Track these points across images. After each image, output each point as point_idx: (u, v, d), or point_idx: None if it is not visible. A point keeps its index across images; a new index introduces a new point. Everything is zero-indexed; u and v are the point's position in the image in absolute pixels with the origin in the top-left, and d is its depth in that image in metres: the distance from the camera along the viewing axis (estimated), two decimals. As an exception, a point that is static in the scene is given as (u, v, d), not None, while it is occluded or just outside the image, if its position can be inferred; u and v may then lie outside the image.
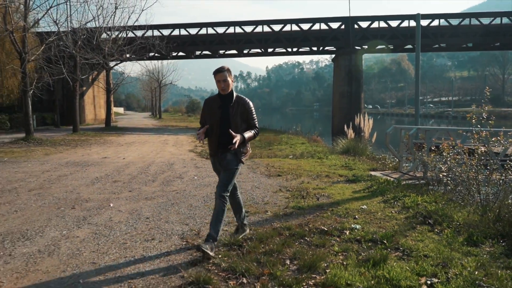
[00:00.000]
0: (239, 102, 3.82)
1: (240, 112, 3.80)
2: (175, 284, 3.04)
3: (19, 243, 4.03)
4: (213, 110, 3.84)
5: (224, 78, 3.74)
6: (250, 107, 3.86)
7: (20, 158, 11.19)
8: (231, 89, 3.82)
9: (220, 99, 3.84)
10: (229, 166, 3.79)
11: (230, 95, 3.83)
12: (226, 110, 3.78)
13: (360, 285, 2.95)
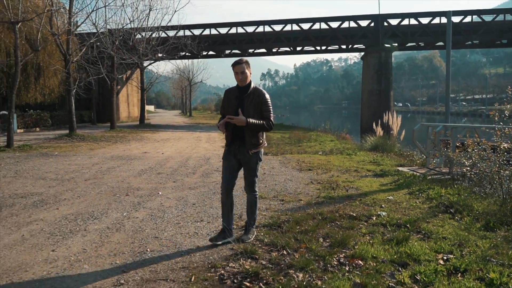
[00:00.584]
0: (255, 93, 3.88)
1: (255, 103, 3.84)
2: (227, 254, 3.63)
3: (89, 221, 4.74)
4: (230, 101, 3.93)
5: (242, 70, 3.81)
6: (266, 98, 3.89)
7: (68, 152, 12.15)
8: (249, 81, 3.90)
9: (238, 90, 3.93)
10: (251, 164, 3.94)
11: (247, 87, 3.90)
12: (242, 101, 3.86)
13: (384, 258, 3.45)
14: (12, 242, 4.01)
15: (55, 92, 29.45)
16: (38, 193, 6.34)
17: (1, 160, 10.11)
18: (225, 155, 4.02)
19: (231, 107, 3.87)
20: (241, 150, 3.88)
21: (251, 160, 3.90)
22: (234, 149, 3.92)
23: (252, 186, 4.02)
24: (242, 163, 3.95)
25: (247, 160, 3.90)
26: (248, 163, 3.92)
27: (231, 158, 3.96)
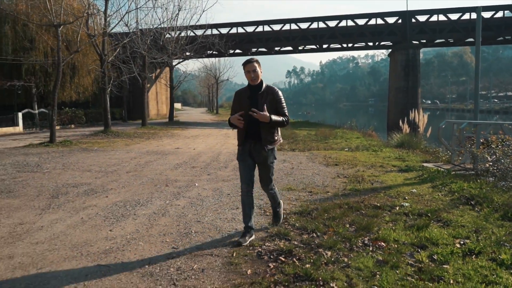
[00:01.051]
0: (268, 91, 3.89)
1: (269, 101, 3.84)
2: (263, 236, 4.08)
3: (137, 207, 5.29)
4: (243, 101, 3.90)
5: (254, 69, 3.81)
6: (279, 96, 3.92)
7: (107, 148, 12.91)
8: (260, 79, 3.90)
9: (249, 90, 3.92)
10: (267, 162, 3.94)
11: (259, 85, 3.90)
12: (255, 100, 3.85)
13: (405, 241, 3.83)
14: (74, 223, 4.59)
15: (88, 90, 30.72)
16: (87, 183, 6.97)
17: (48, 154, 10.91)
18: (240, 155, 4.00)
19: (244, 107, 3.84)
20: (256, 148, 3.88)
21: (267, 158, 3.91)
22: (248, 148, 3.92)
23: (269, 185, 4.06)
24: (257, 162, 3.95)
25: (263, 158, 3.90)
26: (264, 162, 3.92)
27: (246, 158, 3.95)
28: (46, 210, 5.18)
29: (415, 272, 3.14)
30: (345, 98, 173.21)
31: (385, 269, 3.18)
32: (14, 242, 3.95)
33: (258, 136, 3.85)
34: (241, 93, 3.98)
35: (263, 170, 4.00)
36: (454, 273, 3.11)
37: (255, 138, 3.87)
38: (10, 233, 4.23)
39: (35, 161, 9.53)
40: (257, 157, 3.91)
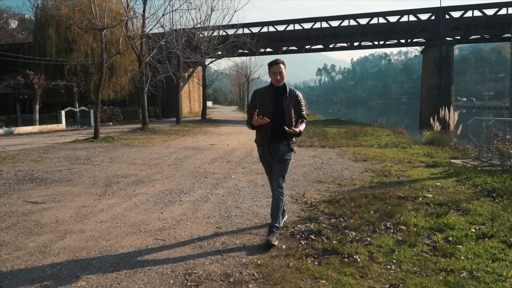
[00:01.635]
0: (292, 94, 3.91)
1: (293, 103, 3.88)
2: (294, 219, 4.59)
3: (182, 195, 5.91)
4: (265, 102, 3.89)
5: (280, 71, 3.82)
6: (301, 98, 3.98)
7: (146, 143, 13.74)
8: (284, 81, 3.93)
9: (273, 91, 3.92)
10: (284, 157, 3.93)
11: (284, 87, 3.91)
12: (280, 102, 3.87)
13: (424, 225, 4.24)
14: (129, 207, 5.25)
15: (125, 89, 32.07)
16: (134, 174, 7.68)
17: (94, 149, 11.81)
18: (262, 157, 4.10)
19: (267, 108, 3.85)
20: (275, 147, 3.93)
21: (285, 153, 3.93)
22: (269, 149, 3.98)
23: (281, 182, 3.93)
24: (275, 159, 3.95)
25: (280, 153, 3.92)
26: (282, 158, 3.93)
27: (268, 159, 4.04)
28: (103, 196, 5.88)
29: (430, 250, 3.58)
30: (377, 96, 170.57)
31: (403, 247, 3.62)
32: (82, 220, 4.63)
33: (279, 137, 3.89)
34: (262, 92, 3.96)
35: (279, 166, 3.94)
36: (465, 252, 3.52)
37: (278, 139, 3.91)
38: (77, 213, 4.92)
39: (84, 155, 10.41)
40: (276, 153, 3.93)
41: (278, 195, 3.88)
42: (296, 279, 3.02)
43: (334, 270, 3.17)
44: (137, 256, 3.53)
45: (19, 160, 9.44)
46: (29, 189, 6.37)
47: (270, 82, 3.98)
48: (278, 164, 3.93)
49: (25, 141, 14.88)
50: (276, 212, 3.86)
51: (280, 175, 3.90)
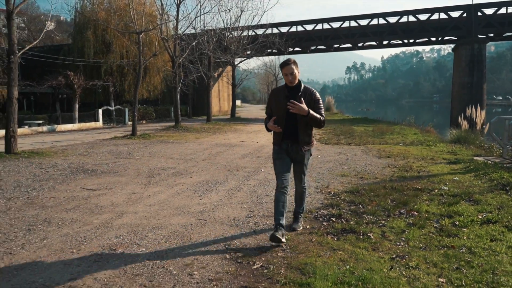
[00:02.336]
0: (306, 93, 3.88)
1: (308, 102, 3.82)
2: (317, 205, 5.17)
3: (217, 185, 6.58)
4: (280, 101, 3.90)
5: (291, 71, 3.80)
6: (317, 97, 3.93)
7: (180, 140, 14.57)
8: (297, 80, 3.89)
9: (287, 90, 3.91)
10: (303, 161, 4.03)
11: (298, 86, 3.89)
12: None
13: (434, 212, 4.73)
14: (172, 194, 5.96)
15: (158, 89, 33.27)
16: (172, 167, 8.44)
17: (134, 145, 12.72)
18: (277, 154, 4.03)
19: (282, 107, 3.85)
20: (293, 148, 3.95)
21: (304, 157, 4.00)
22: (285, 148, 3.98)
23: (303, 180, 4.16)
24: (293, 160, 4.03)
25: (299, 157, 3.99)
26: (301, 160, 4.02)
27: (283, 156, 3.99)
28: (148, 185, 6.63)
29: (436, 231, 4.08)
30: (408, 95, 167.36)
31: (413, 228, 4.15)
32: (134, 204, 5.37)
33: (294, 137, 3.91)
34: (278, 92, 4.00)
35: (298, 167, 4.09)
36: (468, 233, 4.01)
37: (292, 138, 3.92)
38: (128, 198, 5.68)
39: (126, 150, 11.29)
40: (294, 156, 3.99)
41: (301, 189, 4.22)
42: (317, 249, 3.61)
43: (350, 244, 3.74)
44: (184, 231, 4.21)
45: (68, 154, 10.40)
46: (83, 178, 7.21)
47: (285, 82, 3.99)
48: (298, 166, 4.08)
49: (69, 138, 16.01)
50: (300, 201, 4.26)
51: (302, 175, 4.14)
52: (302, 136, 3.91)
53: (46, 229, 4.30)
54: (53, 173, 7.69)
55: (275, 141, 4.05)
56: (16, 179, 7.04)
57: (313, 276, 3.00)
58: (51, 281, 3.05)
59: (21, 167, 8.30)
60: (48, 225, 4.44)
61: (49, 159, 9.54)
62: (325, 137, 15.13)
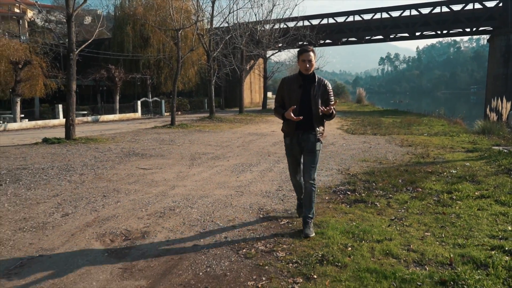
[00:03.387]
0: (321, 83, 3.87)
1: (321, 92, 3.84)
2: (336, 183, 6.06)
3: (251, 167, 7.57)
4: (293, 89, 3.86)
5: (310, 58, 3.76)
6: (330, 88, 3.94)
7: (215, 129, 15.68)
8: (313, 69, 3.87)
9: (301, 79, 3.87)
10: (314, 148, 3.90)
11: (313, 75, 3.86)
12: (308, 90, 3.83)
13: (437, 189, 5.53)
14: (213, 173, 7.01)
15: (192, 81, 34.62)
16: (211, 152, 9.50)
17: (174, 134, 13.93)
18: (289, 150, 4.09)
19: (295, 96, 3.84)
20: (304, 137, 3.90)
21: (315, 145, 3.91)
22: (297, 139, 3.95)
23: (312, 173, 3.94)
24: (304, 150, 3.94)
25: (311, 144, 3.90)
26: (312, 150, 3.91)
27: (296, 152, 4.04)
28: (191, 166, 7.71)
29: (434, 203, 4.91)
30: (444, 86, 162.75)
31: (414, 200, 4.99)
32: (182, 180, 6.45)
33: (308, 126, 3.87)
34: (291, 81, 3.93)
35: (309, 157, 3.94)
36: (461, 205, 4.81)
37: (305, 128, 3.88)
38: (177, 175, 6.76)
39: (168, 138, 12.49)
40: (305, 144, 3.91)
41: (310, 187, 3.92)
42: (332, 213, 4.53)
43: (359, 210, 4.64)
44: (225, 199, 5.22)
45: (118, 141, 11.69)
46: (136, 160, 8.38)
47: (298, 70, 3.94)
48: (308, 156, 3.93)
49: (113, 127, 17.45)
50: (309, 202, 3.92)
51: (311, 167, 3.92)
52: (317, 124, 3.88)
53: (117, 195, 5.43)
54: (110, 155, 8.93)
55: (287, 131, 4.00)
56: (81, 160, 8.30)
57: (326, 228, 3.94)
58: (130, 228, 4.13)
59: (82, 151, 9.61)
60: (118, 193, 5.57)
61: (103, 144, 10.84)
62: (352, 128, 15.85)
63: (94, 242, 3.75)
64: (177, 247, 3.61)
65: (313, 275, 2.95)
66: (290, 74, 4.13)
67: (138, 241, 3.76)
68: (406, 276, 2.89)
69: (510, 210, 4.50)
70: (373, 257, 3.25)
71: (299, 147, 3.96)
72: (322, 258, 3.24)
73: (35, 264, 3.27)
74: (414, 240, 3.65)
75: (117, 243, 3.73)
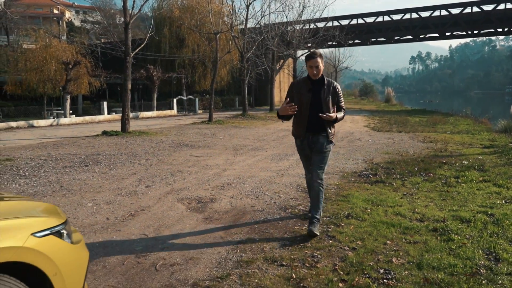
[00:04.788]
0: (329, 85, 3.92)
1: (331, 95, 3.89)
2: (362, 169, 7.19)
3: (287, 156, 8.78)
4: (302, 93, 3.91)
5: (317, 65, 3.81)
6: (339, 89, 3.99)
7: (250, 125, 16.98)
8: (321, 73, 3.93)
9: (310, 82, 3.93)
10: (323, 149, 3.94)
11: (321, 79, 3.92)
12: (318, 93, 3.88)
13: (446, 174, 6.57)
14: (255, 160, 8.26)
15: (224, 80, 36.09)
16: (250, 145, 10.77)
17: (213, 129, 15.32)
18: (300, 149, 4.16)
19: (305, 100, 3.90)
20: (314, 139, 3.95)
21: (324, 145, 3.95)
22: (307, 141, 4.00)
23: (320, 173, 3.96)
24: (315, 151, 3.97)
25: (319, 145, 3.94)
26: (321, 150, 3.95)
27: (307, 152, 4.09)
28: (236, 155, 8.99)
29: (442, 184, 5.98)
30: (477, 86, 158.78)
31: (425, 182, 6.07)
32: (230, 165, 7.73)
33: (318, 129, 3.92)
34: (300, 84, 4.02)
35: (318, 157, 3.97)
36: (465, 186, 5.86)
37: (315, 130, 3.93)
38: (225, 162, 8.06)
39: (209, 132, 13.88)
40: (315, 145, 3.95)
41: (318, 186, 3.92)
42: (356, 189, 5.70)
43: (379, 187, 5.78)
44: (269, 179, 6.46)
45: (166, 134, 13.16)
46: (187, 149, 9.75)
47: (307, 74, 4.02)
48: (317, 156, 3.96)
49: (155, 123, 19.02)
50: (317, 203, 3.91)
51: (319, 166, 3.95)
52: (328, 126, 3.93)
53: (181, 175, 6.77)
54: (164, 146, 10.35)
55: (297, 133, 4.08)
56: (142, 149, 9.75)
57: (351, 198, 5.12)
58: (200, 195, 5.43)
59: (138, 142, 11.09)
60: (181, 173, 6.91)
61: (155, 137, 12.32)
62: (379, 126, 16.79)
63: (176, 203, 5.07)
64: (239, 207, 4.88)
65: (341, 224, 4.15)
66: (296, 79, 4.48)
67: (209, 204, 5.05)
68: (408, 226, 4.04)
69: (504, 190, 5.53)
70: (386, 216, 4.41)
71: (309, 148, 4.00)
72: (347, 215, 4.43)
73: (141, 214, 4.60)
74: (419, 207, 4.77)
75: (193, 204, 5.03)
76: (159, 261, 3.31)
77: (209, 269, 3.15)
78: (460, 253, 3.34)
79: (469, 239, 3.68)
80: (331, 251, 3.46)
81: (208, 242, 3.75)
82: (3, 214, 1.94)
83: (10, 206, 2.18)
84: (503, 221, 4.10)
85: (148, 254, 3.46)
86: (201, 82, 34.54)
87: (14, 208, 2.16)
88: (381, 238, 3.73)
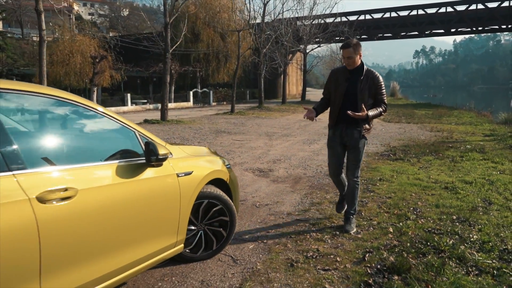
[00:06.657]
0: (369, 76, 3.70)
1: (369, 86, 3.69)
2: (382, 151, 8.64)
3: (316, 141, 10.23)
4: (339, 82, 3.77)
5: (349, 55, 3.63)
6: (380, 81, 3.73)
7: (269, 116, 18.43)
8: (357, 64, 3.72)
9: (348, 72, 3.76)
10: (357, 145, 3.78)
11: (359, 69, 3.73)
12: (354, 84, 3.70)
13: (453, 155, 8.02)
14: (289, 144, 9.72)
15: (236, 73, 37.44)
16: (278, 132, 12.23)
17: (239, 119, 16.79)
18: (331, 141, 3.93)
19: (340, 89, 3.76)
20: (348, 132, 3.78)
21: (359, 141, 3.78)
22: (340, 133, 3.83)
23: (356, 170, 3.89)
24: (350, 146, 3.82)
25: (354, 141, 3.78)
26: (356, 146, 3.79)
27: (336, 145, 3.88)
28: (271, 139, 10.46)
29: (449, 161, 7.43)
30: (481, 80, 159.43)
31: (436, 160, 7.53)
32: (271, 147, 9.20)
33: (351, 121, 3.72)
34: (338, 72, 3.85)
35: (352, 153, 3.84)
36: (468, 163, 7.30)
37: (348, 121, 3.73)
38: (265, 145, 9.53)
39: (237, 122, 15.35)
40: (348, 140, 3.80)
41: (354, 184, 3.90)
42: (381, 164, 7.16)
43: (399, 163, 7.24)
44: (308, 157, 7.93)
45: (200, 123, 14.63)
46: (227, 135, 11.22)
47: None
48: (352, 152, 3.84)
49: (180, 113, 20.47)
50: (352, 199, 3.92)
51: (354, 164, 3.86)
52: (362, 120, 3.70)
53: (234, 153, 8.25)
54: (205, 132, 11.83)
55: (330, 123, 3.94)
56: (188, 134, 11.23)
57: (379, 169, 6.59)
58: (260, 167, 6.90)
59: (180, 129, 12.57)
60: (234, 153, 8.38)
61: (192, 125, 13.80)
62: (389, 118, 18.19)
63: (244, 172, 6.55)
64: (294, 174, 6.36)
65: (376, 184, 5.63)
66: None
67: (269, 173, 6.53)
68: (426, 186, 5.50)
69: (499, 165, 6.99)
70: (408, 180, 5.88)
71: (340, 140, 3.84)
72: (380, 179, 5.91)
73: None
74: (433, 175, 6.23)
75: (257, 173, 6.51)
76: (256, 203, 4.80)
77: (293, 206, 4.64)
78: (464, 199, 4.81)
79: (471, 192, 5.14)
80: (374, 198, 4.94)
81: (283, 192, 5.23)
82: (200, 153, 3.44)
83: (198, 148, 3.64)
84: (497, 183, 5.57)
85: (246, 200, 4.95)
86: (215, 76, 35.87)
87: (201, 150, 3.63)
88: (407, 192, 5.20)
